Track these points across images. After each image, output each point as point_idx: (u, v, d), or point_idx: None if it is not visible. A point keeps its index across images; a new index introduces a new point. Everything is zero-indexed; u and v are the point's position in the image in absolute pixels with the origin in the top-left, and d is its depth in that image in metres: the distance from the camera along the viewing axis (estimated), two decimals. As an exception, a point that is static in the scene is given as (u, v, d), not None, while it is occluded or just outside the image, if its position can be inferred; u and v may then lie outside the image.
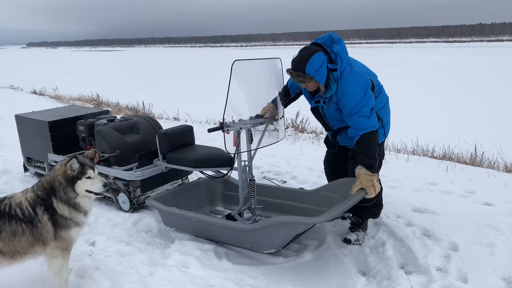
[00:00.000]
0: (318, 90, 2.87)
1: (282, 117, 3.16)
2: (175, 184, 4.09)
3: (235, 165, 3.07)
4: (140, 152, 3.81)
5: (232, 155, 3.04)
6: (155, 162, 3.78)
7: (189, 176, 4.36)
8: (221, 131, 2.86)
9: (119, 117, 4.26)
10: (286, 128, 7.29)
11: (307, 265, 2.86)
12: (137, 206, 3.74)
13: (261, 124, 3.09)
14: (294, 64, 2.76)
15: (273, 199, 3.50)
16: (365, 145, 2.73)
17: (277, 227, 2.66)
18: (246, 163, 3.08)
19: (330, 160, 3.40)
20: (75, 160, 2.29)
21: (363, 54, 36.49)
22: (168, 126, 4.24)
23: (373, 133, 2.73)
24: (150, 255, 2.91)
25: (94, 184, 2.34)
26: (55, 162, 4.00)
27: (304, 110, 7.08)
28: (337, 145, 3.21)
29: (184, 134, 3.81)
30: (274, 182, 4.36)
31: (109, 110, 4.89)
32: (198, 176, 4.04)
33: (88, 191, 2.34)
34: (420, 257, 2.85)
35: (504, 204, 3.69)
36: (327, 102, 2.89)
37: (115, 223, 3.51)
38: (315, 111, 3.08)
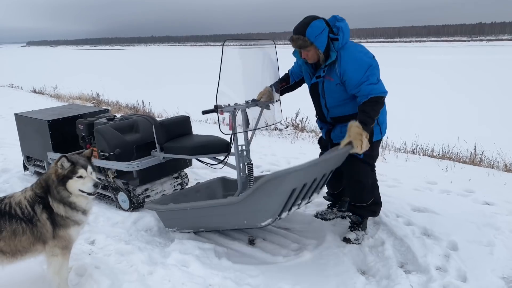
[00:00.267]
0: (319, 64, 2.87)
1: (279, 100, 3.15)
2: (175, 183, 4.09)
3: (232, 150, 3.04)
4: (138, 144, 3.80)
5: (229, 140, 3.03)
6: (153, 153, 3.78)
7: (189, 175, 4.36)
8: (215, 112, 2.86)
9: (118, 116, 4.26)
10: (286, 127, 7.29)
11: (307, 264, 2.86)
12: (136, 205, 3.74)
13: (256, 105, 3.08)
14: (295, 29, 2.77)
15: None
16: (368, 105, 2.69)
17: (267, 187, 2.53)
18: (243, 147, 3.05)
19: None
20: (65, 159, 2.26)
21: (363, 53, 36.28)
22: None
23: (381, 98, 2.70)
24: (150, 254, 2.91)
25: (85, 183, 2.29)
26: (55, 161, 4.00)
27: (304, 110, 7.09)
28: (330, 144, 3.18)
29: (181, 124, 3.80)
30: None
31: (108, 109, 4.88)
32: (196, 180, 4.03)
33: (81, 191, 2.31)
34: (420, 256, 2.85)
35: (504, 203, 3.70)
36: (328, 75, 2.85)
37: (115, 222, 3.51)
38: (314, 89, 3.04)
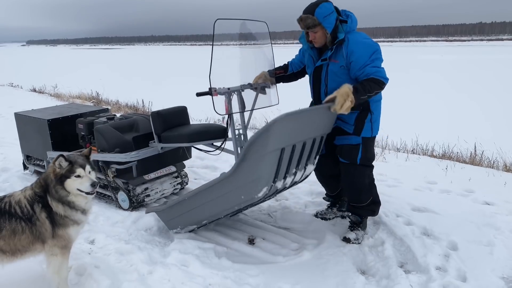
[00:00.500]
0: (324, 51, 2.91)
1: (275, 84, 3.13)
2: (175, 183, 4.09)
3: (230, 135, 3.02)
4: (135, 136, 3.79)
5: (225, 125, 3.02)
6: (151, 144, 3.76)
7: (189, 175, 4.36)
8: (209, 95, 2.84)
9: (118, 115, 4.26)
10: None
11: (307, 264, 2.86)
12: (136, 205, 3.74)
13: (251, 86, 3.07)
14: (305, 9, 2.82)
15: None
16: (367, 81, 2.70)
17: (254, 149, 2.47)
18: (241, 131, 3.03)
19: (320, 166, 3.36)
20: (63, 158, 2.26)
21: (363, 53, 36.23)
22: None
23: (381, 81, 2.70)
24: (150, 254, 2.91)
25: (82, 183, 2.29)
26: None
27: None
28: (324, 145, 3.20)
29: (178, 114, 3.78)
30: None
31: (108, 108, 4.89)
32: (196, 180, 4.00)
33: (79, 190, 2.30)
34: (420, 256, 2.85)
35: (504, 203, 3.70)
36: (334, 57, 2.87)
37: (115, 222, 3.51)
38: (316, 73, 3.02)
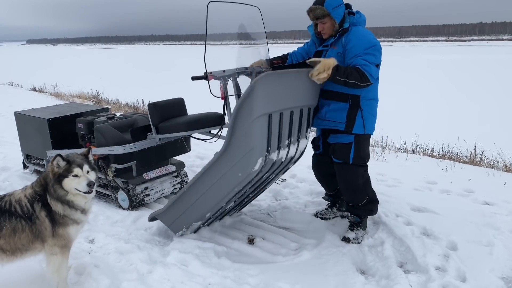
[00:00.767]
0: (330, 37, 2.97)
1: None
2: (174, 182, 4.09)
3: (226, 120, 3.04)
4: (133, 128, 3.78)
5: (222, 111, 3.05)
6: (149, 136, 3.76)
7: (188, 174, 4.36)
8: (204, 79, 2.87)
9: (118, 114, 4.26)
10: None
11: (306, 264, 2.86)
12: (136, 204, 3.74)
13: (246, 70, 3.10)
14: (315, 1, 2.89)
15: None
16: (351, 67, 2.72)
17: (242, 116, 2.49)
18: None
19: (318, 165, 3.39)
20: (60, 158, 2.26)
21: (363, 53, 36.24)
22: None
23: (366, 76, 2.68)
24: (149, 253, 2.91)
25: (80, 182, 2.28)
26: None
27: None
28: (320, 141, 3.22)
29: (176, 105, 3.78)
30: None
31: (108, 108, 4.89)
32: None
33: (77, 190, 2.30)
34: (419, 256, 2.85)
35: (503, 203, 3.70)
36: (334, 44, 2.92)
37: (114, 221, 3.51)
38: (316, 57, 3.01)
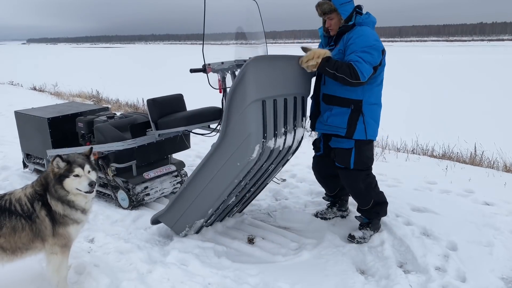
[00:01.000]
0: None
1: None
2: (174, 182, 4.09)
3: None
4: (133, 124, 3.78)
5: (221, 104, 3.08)
6: (148, 133, 3.76)
7: (188, 174, 4.36)
8: (203, 72, 2.88)
9: (118, 114, 4.26)
10: None
11: (306, 264, 2.86)
12: (136, 204, 3.74)
13: (244, 63, 3.11)
14: None
15: None
16: (344, 62, 2.73)
17: (235, 103, 2.52)
18: None
19: (318, 166, 3.40)
20: (59, 159, 2.26)
21: (363, 53, 36.20)
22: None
23: (356, 72, 2.67)
24: (149, 253, 2.91)
25: (81, 182, 2.28)
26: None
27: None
28: (321, 143, 3.23)
29: (175, 101, 3.77)
30: (274, 180, 4.36)
31: (108, 107, 4.89)
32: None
33: (78, 189, 2.29)
34: (419, 256, 2.85)
35: (503, 203, 3.70)
36: (338, 41, 2.94)
37: (114, 220, 3.51)
38: None
